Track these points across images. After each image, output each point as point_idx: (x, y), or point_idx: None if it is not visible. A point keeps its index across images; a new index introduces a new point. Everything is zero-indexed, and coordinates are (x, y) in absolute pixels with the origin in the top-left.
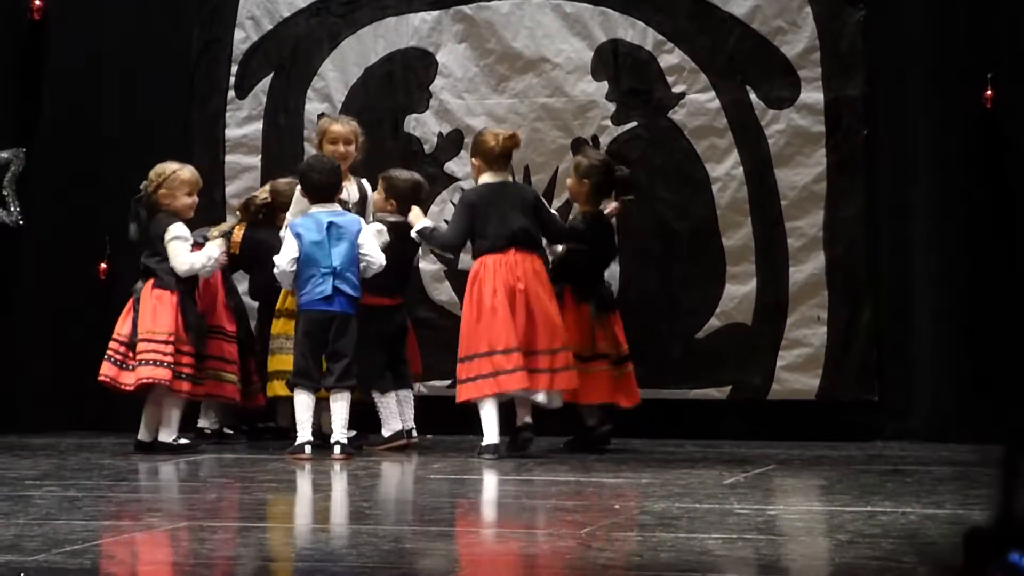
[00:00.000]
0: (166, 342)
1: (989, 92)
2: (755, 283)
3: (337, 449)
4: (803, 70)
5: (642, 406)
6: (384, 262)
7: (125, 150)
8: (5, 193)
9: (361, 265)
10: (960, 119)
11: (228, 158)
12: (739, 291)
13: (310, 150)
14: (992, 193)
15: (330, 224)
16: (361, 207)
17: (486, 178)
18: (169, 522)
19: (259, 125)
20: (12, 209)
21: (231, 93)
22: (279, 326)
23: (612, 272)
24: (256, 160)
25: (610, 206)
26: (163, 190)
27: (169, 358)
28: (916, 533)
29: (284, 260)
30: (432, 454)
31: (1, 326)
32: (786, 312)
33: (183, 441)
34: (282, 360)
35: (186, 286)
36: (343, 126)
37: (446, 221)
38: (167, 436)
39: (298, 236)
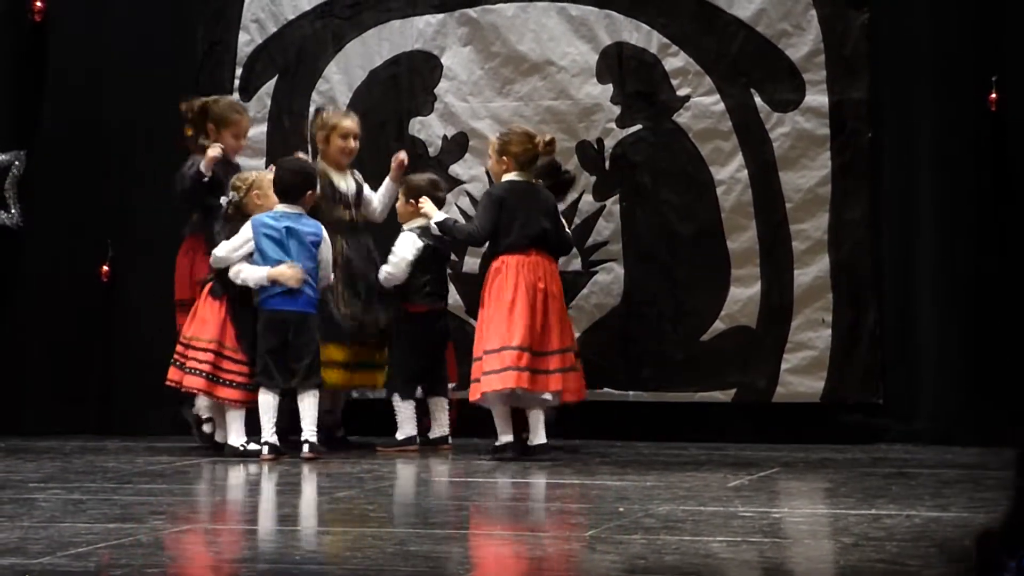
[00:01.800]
0: (205, 350)
1: (994, 95)
2: (760, 286)
3: (306, 448)
4: (808, 73)
5: (647, 408)
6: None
7: (127, 153)
8: (6, 195)
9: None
10: (965, 122)
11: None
12: (744, 294)
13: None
14: (997, 195)
15: (288, 227)
16: (358, 198)
17: (512, 176)
18: (173, 525)
19: (264, 128)
20: (13, 211)
21: (235, 95)
22: None
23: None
24: (261, 163)
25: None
26: (255, 191)
27: (206, 367)
28: (921, 536)
29: (228, 248)
30: (437, 456)
31: (3, 328)
32: (791, 315)
33: (253, 446)
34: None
35: (237, 292)
36: (352, 121)
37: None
38: (235, 440)
39: (255, 231)
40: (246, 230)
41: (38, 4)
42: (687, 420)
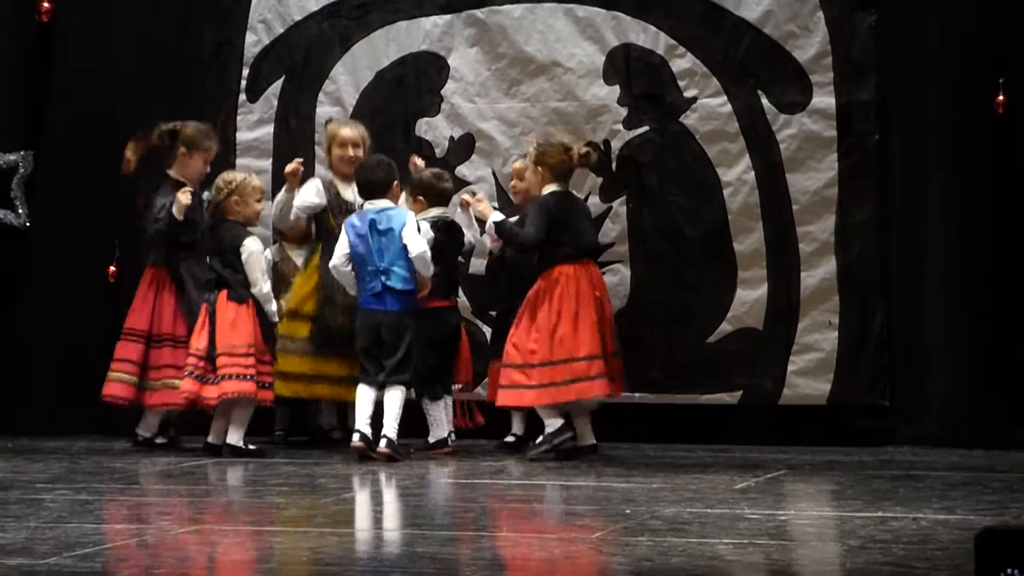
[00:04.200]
0: (246, 355)
1: (1001, 97)
2: (766, 288)
3: (383, 442)
4: (815, 75)
5: (654, 410)
6: (423, 250)
7: None
8: (13, 196)
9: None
10: (972, 123)
11: (239, 162)
12: (750, 296)
13: (320, 154)
14: (1004, 197)
15: (372, 221)
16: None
17: (554, 187)
18: (179, 526)
19: (270, 128)
20: (20, 212)
21: (242, 96)
22: (283, 327)
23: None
24: (267, 164)
25: None
26: (235, 196)
27: (251, 371)
28: (928, 539)
29: (336, 257)
30: (446, 457)
31: (10, 329)
32: (797, 317)
33: (252, 447)
34: (288, 361)
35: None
36: (351, 130)
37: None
38: (237, 440)
39: (348, 233)
40: (341, 240)
41: (45, 5)
42: (693, 422)
